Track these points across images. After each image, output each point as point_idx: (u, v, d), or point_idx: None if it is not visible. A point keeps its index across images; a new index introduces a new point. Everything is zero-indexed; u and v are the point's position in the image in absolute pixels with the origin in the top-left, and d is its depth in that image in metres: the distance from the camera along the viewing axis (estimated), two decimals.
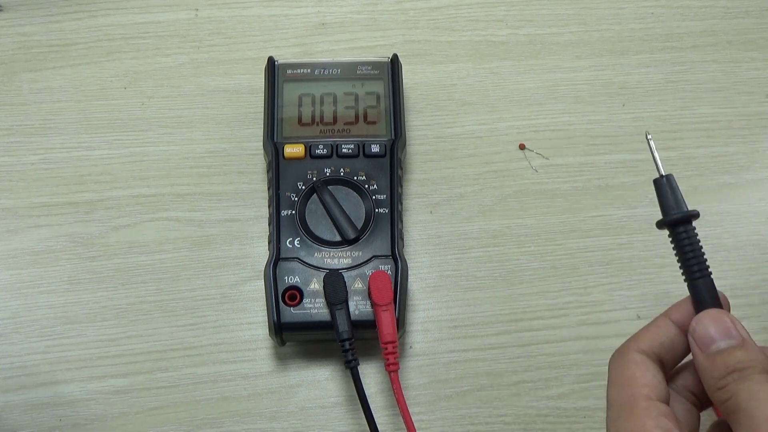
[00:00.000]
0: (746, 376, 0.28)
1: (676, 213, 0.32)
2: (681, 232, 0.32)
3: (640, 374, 0.30)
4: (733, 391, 0.28)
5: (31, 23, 0.52)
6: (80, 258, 0.45)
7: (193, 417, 0.42)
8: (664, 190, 0.32)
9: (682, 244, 0.32)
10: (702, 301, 0.31)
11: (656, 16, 0.54)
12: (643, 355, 0.30)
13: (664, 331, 0.31)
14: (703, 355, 0.29)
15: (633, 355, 0.30)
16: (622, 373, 0.30)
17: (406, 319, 0.42)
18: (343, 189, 0.43)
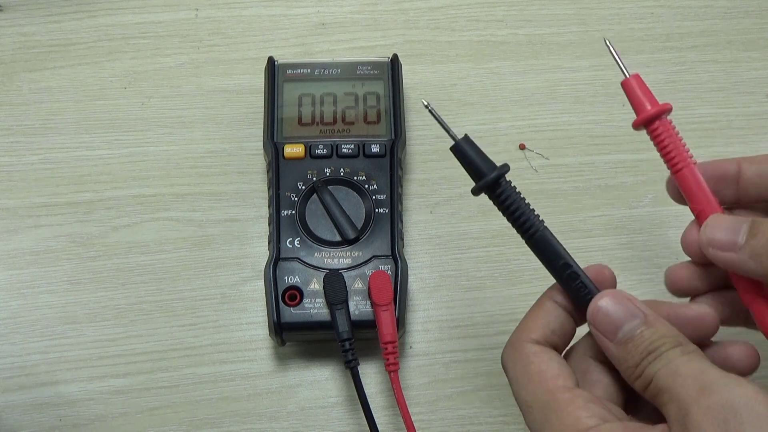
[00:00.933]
0: (661, 354, 0.27)
1: (493, 172, 0.30)
2: (500, 192, 0.30)
3: (545, 366, 0.28)
4: (651, 373, 0.27)
5: (31, 23, 0.52)
6: (80, 258, 0.45)
7: (193, 417, 0.42)
8: (467, 154, 0.31)
9: (508, 202, 0.30)
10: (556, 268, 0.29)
11: (656, 16, 0.54)
12: (538, 345, 0.29)
13: (552, 316, 0.30)
14: (613, 345, 0.28)
15: (529, 347, 0.29)
16: (527, 370, 0.28)
17: (406, 319, 0.42)
18: (343, 189, 0.43)
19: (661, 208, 0.47)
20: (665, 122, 0.33)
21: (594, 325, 0.28)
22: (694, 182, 0.32)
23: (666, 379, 0.26)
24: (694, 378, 0.26)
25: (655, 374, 0.27)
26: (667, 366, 0.26)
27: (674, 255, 0.44)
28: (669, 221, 0.47)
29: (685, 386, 0.26)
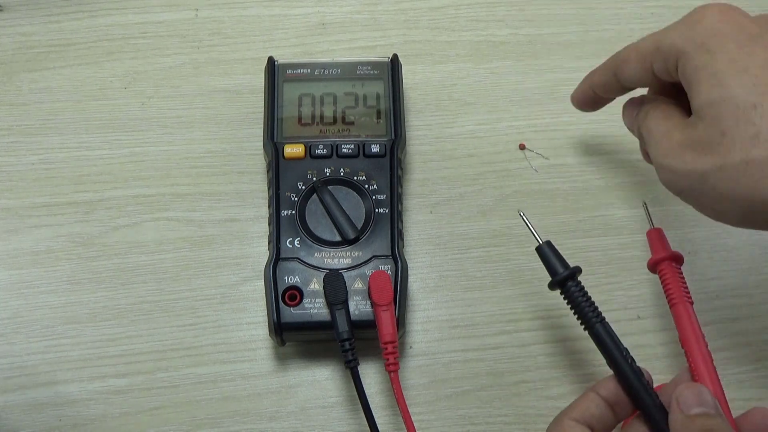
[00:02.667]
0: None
1: (564, 272, 0.37)
2: (571, 286, 0.36)
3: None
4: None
5: (31, 23, 0.52)
6: (80, 258, 0.45)
7: (193, 417, 0.42)
8: (546, 254, 0.37)
9: (575, 297, 0.36)
10: (616, 361, 0.35)
11: (656, 16, 0.54)
12: (575, 421, 0.34)
13: (593, 403, 0.34)
14: (682, 415, 0.32)
15: (567, 422, 0.34)
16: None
17: (406, 319, 0.42)
18: (343, 189, 0.43)
19: (661, 208, 0.47)
20: (671, 266, 0.40)
21: (676, 397, 0.33)
22: (686, 318, 0.39)
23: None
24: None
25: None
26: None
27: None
28: (669, 221, 0.47)
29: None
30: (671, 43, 0.34)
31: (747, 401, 0.42)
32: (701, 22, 0.33)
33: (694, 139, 0.32)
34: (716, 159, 0.31)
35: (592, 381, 0.43)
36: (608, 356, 0.35)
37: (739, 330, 0.44)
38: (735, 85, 0.30)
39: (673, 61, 0.34)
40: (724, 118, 0.30)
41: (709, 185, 0.31)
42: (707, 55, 0.32)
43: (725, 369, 0.43)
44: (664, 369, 0.43)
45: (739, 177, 0.30)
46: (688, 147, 0.32)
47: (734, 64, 0.31)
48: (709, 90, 0.31)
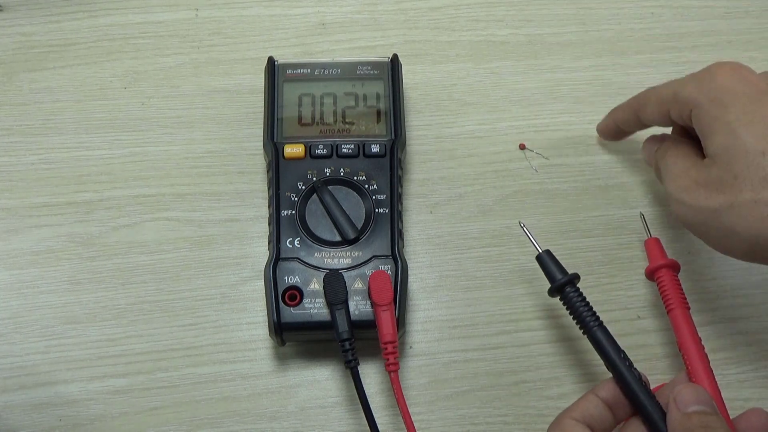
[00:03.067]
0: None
1: (561, 279, 0.38)
2: (569, 293, 0.38)
3: None
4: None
5: (31, 23, 0.52)
6: (80, 258, 0.45)
7: (193, 417, 0.42)
8: (546, 263, 0.39)
9: (573, 303, 0.37)
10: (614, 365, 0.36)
11: (656, 16, 0.54)
12: (575, 421, 0.35)
13: (592, 404, 0.36)
14: (679, 412, 0.34)
15: (567, 421, 0.35)
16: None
17: (406, 319, 0.42)
18: (343, 189, 0.43)
19: (661, 208, 0.47)
20: (668, 273, 0.41)
21: (674, 396, 0.34)
22: (684, 322, 0.40)
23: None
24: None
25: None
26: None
27: (674, 254, 0.44)
28: (669, 222, 0.47)
29: None
30: (688, 96, 0.38)
31: (747, 401, 0.42)
32: (716, 79, 0.37)
33: (708, 179, 0.36)
34: (728, 197, 0.34)
35: (592, 381, 0.43)
36: (607, 360, 0.36)
37: (739, 330, 0.44)
38: (746, 134, 0.35)
39: (687, 111, 0.38)
40: (736, 163, 0.34)
41: (720, 221, 0.35)
42: (721, 108, 0.36)
43: (725, 369, 0.43)
44: (664, 369, 0.43)
45: (747, 214, 0.34)
46: (702, 185, 0.36)
47: (745, 116, 0.35)
48: (723, 138, 0.35)
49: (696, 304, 0.40)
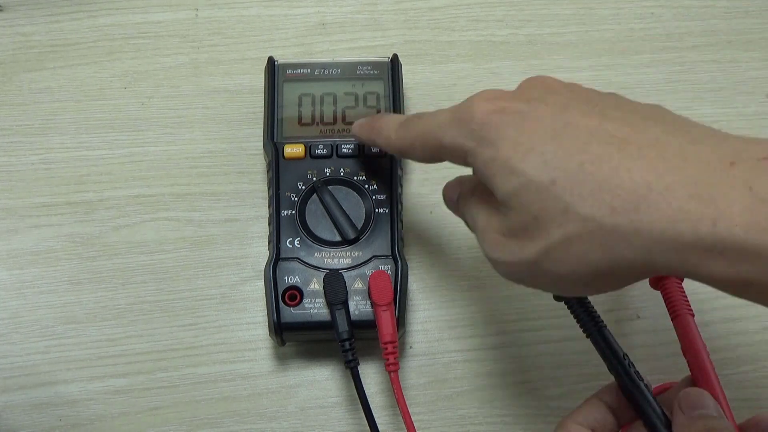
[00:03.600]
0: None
1: None
2: (571, 298, 0.37)
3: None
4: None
5: (31, 23, 0.52)
6: (80, 258, 0.45)
7: (193, 417, 0.42)
8: None
9: (575, 307, 0.37)
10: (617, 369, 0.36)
11: (656, 16, 0.54)
12: (579, 425, 0.35)
13: (595, 408, 0.35)
14: (684, 416, 0.33)
15: (571, 425, 0.35)
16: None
17: (406, 319, 0.42)
18: (343, 189, 0.43)
19: None
20: (672, 281, 0.41)
21: (679, 400, 0.34)
22: (688, 329, 0.39)
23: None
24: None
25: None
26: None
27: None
28: None
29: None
30: (452, 143, 0.33)
31: (746, 401, 0.43)
32: (473, 117, 0.32)
33: (512, 228, 0.31)
34: (539, 243, 0.29)
35: (592, 381, 0.43)
36: (609, 364, 0.36)
37: (739, 330, 0.44)
38: (527, 168, 0.29)
39: (460, 157, 0.33)
40: (530, 204, 0.29)
41: (543, 270, 0.30)
42: (491, 148, 0.31)
43: (725, 369, 0.43)
44: (664, 369, 0.43)
45: (566, 256, 0.29)
46: (510, 236, 0.31)
47: (519, 148, 0.30)
48: (506, 181, 0.30)
49: (696, 304, 0.40)
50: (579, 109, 0.30)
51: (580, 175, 0.28)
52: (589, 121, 0.29)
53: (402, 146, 0.37)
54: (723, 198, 0.25)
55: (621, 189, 0.27)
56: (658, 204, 0.26)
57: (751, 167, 0.25)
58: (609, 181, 0.27)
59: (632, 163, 0.27)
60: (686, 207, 0.25)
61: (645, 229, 0.26)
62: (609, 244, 0.27)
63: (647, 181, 0.26)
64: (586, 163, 0.28)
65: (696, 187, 0.25)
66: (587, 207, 0.27)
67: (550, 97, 0.31)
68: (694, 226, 0.25)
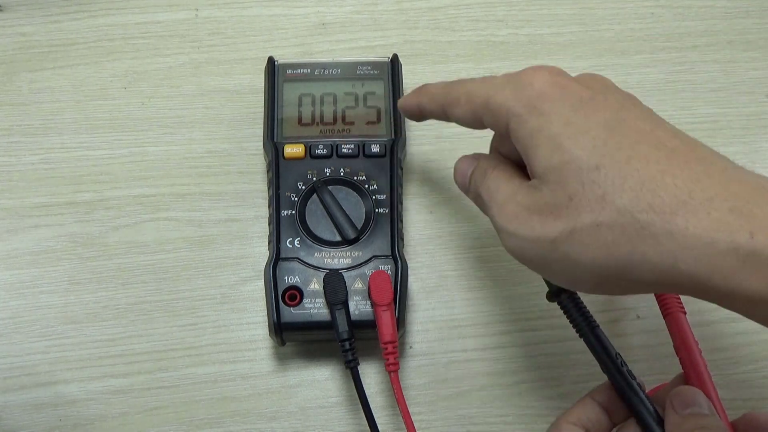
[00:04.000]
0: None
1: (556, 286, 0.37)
2: (564, 298, 0.37)
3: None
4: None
5: (31, 23, 0.52)
6: (80, 258, 0.45)
7: (193, 417, 0.42)
8: None
9: (568, 308, 0.37)
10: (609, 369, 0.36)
11: (656, 16, 0.54)
12: (572, 425, 0.35)
13: (588, 408, 0.35)
14: (677, 414, 0.33)
15: (564, 425, 0.35)
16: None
17: (406, 319, 0.42)
18: (343, 189, 0.43)
19: None
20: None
21: (671, 398, 0.34)
22: (680, 327, 0.39)
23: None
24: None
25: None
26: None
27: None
28: None
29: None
30: (501, 103, 0.32)
31: (746, 401, 0.43)
32: (532, 84, 0.31)
33: (540, 204, 0.30)
34: (566, 223, 0.29)
35: (591, 381, 0.43)
36: (602, 363, 0.36)
37: (739, 330, 0.44)
38: (575, 147, 0.29)
39: (503, 121, 0.32)
40: (568, 182, 0.29)
41: (561, 252, 0.30)
42: (541, 117, 0.31)
43: (725, 369, 0.43)
44: (663, 368, 0.43)
45: (590, 241, 0.28)
46: (534, 212, 0.30)
47: (570, 127, 0.30)
48: (550, 154, 0.30)
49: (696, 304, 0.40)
50: (634, 113, 0.30)
51: (626, 168, 0.28)
52: (643, 125, 0.30)
53: (447, 100, 0.36)
54: (762, 214, 0.25)
55: (663, 191, 0.27)
56: (697, 211, 0.26)
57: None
58: (653, 181, 0.27)
59: (678, 170, 0.27)
60: (725, 218, 0.26)
61: (679, 233, 0.26)
62: (638, 240, 0.27)
63: (690, 189, 0.27)
64: (633, 159, 0.28)
65: (737, 202, 0.26)
66: (626, 199, 0.27)
67: (611, 95, 0.31)
68: (731, 235, 0.25)
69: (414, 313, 0.45)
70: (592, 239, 0.28)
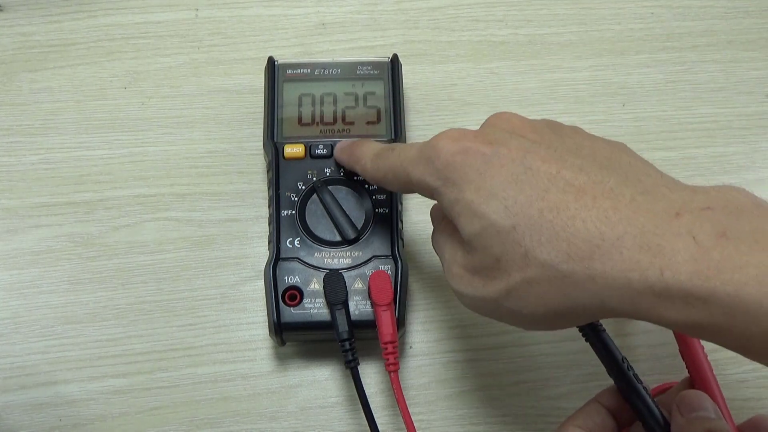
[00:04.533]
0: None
1: None
2: None
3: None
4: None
5: (31, 23, 0.52)
6: (80, 258, 0.45)
7: (193, 417, 0.42)
8: None
9: None
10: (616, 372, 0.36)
11: (656, 16, 0.54)
12: (579, 428, 0.35)
13: (594, 411, 0.36)
14: (683, 418, 0.33)
15: (571, 428, 0.35)
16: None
17: (406, 319, 0.42)
18: (343, 189, 0.43)
19: None
20: None
21: (677, 403, 0.34)
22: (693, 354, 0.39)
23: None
24: None
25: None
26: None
27: None
28: None
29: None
30: (419, 180, 0.34)
31: (746, 401, 0.43)
32: (438, 156, 0.33)
33: (476, 266, 0.32)
34: (500, 284, 0.31)
35: (591, 381, 0.43)
36: (608, 367, 0.36)
37: None
38: (489, 212, 0.31)
39: (428, 194, 0.35)
40: (492, 246, 0.31)
41: (505, 308, 0.31)
42: (455, 188, 0.32)
43: (725, 369, 0.43)
44: (664, 369, 0.43)
45: (526, 296, 0.30)
46: (474, 273, 0.32)
47: (481, 193, 0.31)
48: (470, 222, 0.31)
49: None
50: (539, 155, 0.31)
51: (539, 222, 0.29)
52: (549, 167, 0.30)
53: (376, 177, 0.38)
54: (669, 248, 0.26)
55: (576, 238, 0.28)
56: (610, 254, 0.27)
57: (694, 217, 0.27)
58: (566, 229, 0.28)
59: (587, 213, 0.28)
60: (636, 257, 0.27)
61: (599, 277, 0.27)
62: (565, 289, 0.29)
63: (601, 232, 0.28)
64: (544, 211, 0.29)
65: (645, 237, 0.27)
66: (545, 253, 0.29)
67: (513, 141, 0.32)
68: (643, 274, 0.26)
69: (414, 313, 0.45)
70: (527, 294, 0.30)
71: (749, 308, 0.25)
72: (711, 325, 0.26)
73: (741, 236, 0.26)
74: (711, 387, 0.38)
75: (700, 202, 0.27)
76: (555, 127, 0.34)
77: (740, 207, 0.27)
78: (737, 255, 0.25)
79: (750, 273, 0.25)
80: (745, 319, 0.25)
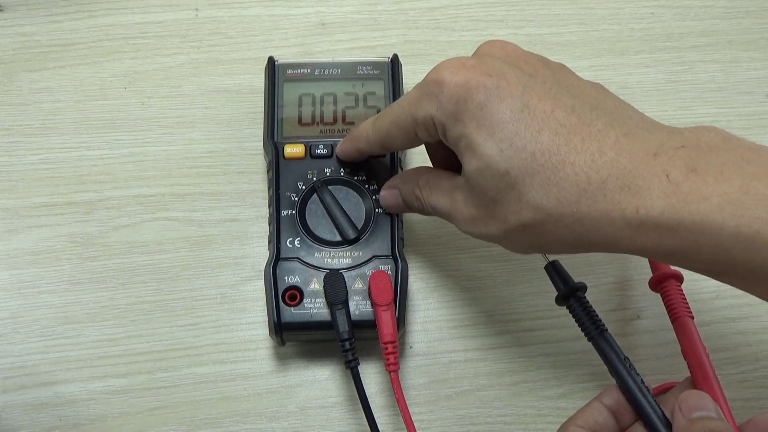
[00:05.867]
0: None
1: (564, 290, 0.38)
2: (573, 302, 0.38)
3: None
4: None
5: (31, 23, 0.52)
6: (80, 258, 0.45)
7: (193, 417, 0.42)
8: (551, 273, 0.39)
9: (576, 312, 0.37)
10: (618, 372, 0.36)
11: (656, 16, 0.54)
12: (581, 428, 0.35)
13: (596, 411, 0.36)
14: (685, 418, 0.34)
15: (572, 428, 0.35)
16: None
17: (406, 319, 0.42)
18: (343, 189, 0.43)
19: None
20: (672, 284, 0.41)
21: (679, 403, 0.34)
22: (688, 332, 0.39)
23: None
24: None
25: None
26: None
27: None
28: None
29: None
30: (426, 116, 0.35)
31: (747, 401, 0.43)
32: (442, 90, 0.34)
33: (477, 206, 0.34)
34: (499, 225, 0.34)
35: (592, 381, 0.43)
36: (610, 367, 0.36)
37: (739, 330, 0.44)
38: (487, 153, 0.32)
39: (434, 130, 0.35)
40: (489, 187, 0.33)
41: (506, 242, 0.35)
42: (459, 124, 0.33)
43: (725, 369, 0.43)
44: (664, 369, 0.43)
45: (522, 237, 0.33)
46: (476, 215, 0.35)
47: (481, 131, 0.32)
48: (470, 161, 0.33)
49: (696, 304, 0.40)
50: (536, 91, 0.33)
51: (532, 166, 0.31)
52: (544, 105, 0.32)
53: (380, 138, 0.39)
54: (646, 186, 0.29)
55: (566, 182, 0.31)
56: (595, 197, 0.30)
57: (669, 157, 0.30)
58: (556, 174, 0.31)
59: (576, 157, 0.31)
60: (617, 198, 0.30)
61: (585, 219, 0.31)
62: (557, 231, 0.32)
63: (588, 176, 0.30)
64: (537, 154, 0.31)
65: (626, 179, 0.30)
66: (537, 197, 0.31)
67: (511, 74, 0.33)
68: (623, 213, 0.30)
69: (414, 313, 0.45)
70: (522, 236, 0.33)
71: (713, 233, 0.28)
72: (680, 251, 0.29)
73: (709, 170, 0.29)
74: (712, 387, 0.37)
75: (675, 142, 0.30)
76: (545, 61, 0.35)
77: (711, 144, 0.30)
78: (704, 187, 0.28)
79: (714, 202, 0.28)
80: (709, 243, 0.28)
